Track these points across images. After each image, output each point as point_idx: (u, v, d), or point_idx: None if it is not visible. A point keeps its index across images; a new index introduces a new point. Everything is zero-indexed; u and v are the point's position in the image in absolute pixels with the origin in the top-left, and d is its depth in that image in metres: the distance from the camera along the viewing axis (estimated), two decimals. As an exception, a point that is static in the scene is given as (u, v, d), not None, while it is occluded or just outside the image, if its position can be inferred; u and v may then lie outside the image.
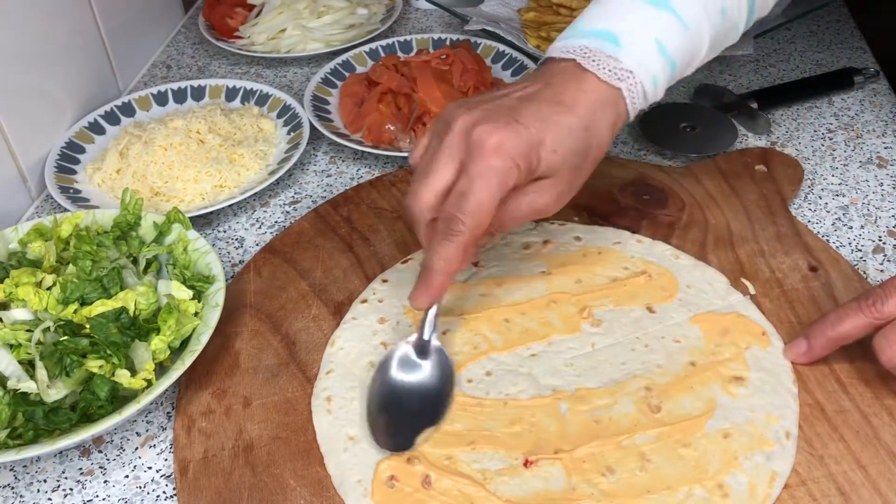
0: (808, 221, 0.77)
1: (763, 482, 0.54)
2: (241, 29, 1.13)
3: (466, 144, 0.56)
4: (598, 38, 0.59)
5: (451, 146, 0.56)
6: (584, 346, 0.64)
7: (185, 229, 0.71)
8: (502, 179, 0.55)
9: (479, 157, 0.55)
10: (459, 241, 0.55)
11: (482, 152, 0.55)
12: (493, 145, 0.54)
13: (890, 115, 0.91)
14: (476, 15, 1.09)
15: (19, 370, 0.59)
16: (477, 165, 0.55)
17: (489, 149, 0.54)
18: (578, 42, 0.60)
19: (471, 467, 0.56)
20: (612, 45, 0.59)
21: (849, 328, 0.58)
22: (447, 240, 0.56)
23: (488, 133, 0.55)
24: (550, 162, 0.56)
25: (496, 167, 0.54)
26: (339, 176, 0.89)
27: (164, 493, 0.58)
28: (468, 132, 0.56)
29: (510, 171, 0.55)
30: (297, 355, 0.66)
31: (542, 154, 0.56)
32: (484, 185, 0.54)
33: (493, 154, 0.54)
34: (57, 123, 0.91)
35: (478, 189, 0.54)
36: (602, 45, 0.59)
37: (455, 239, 0.56)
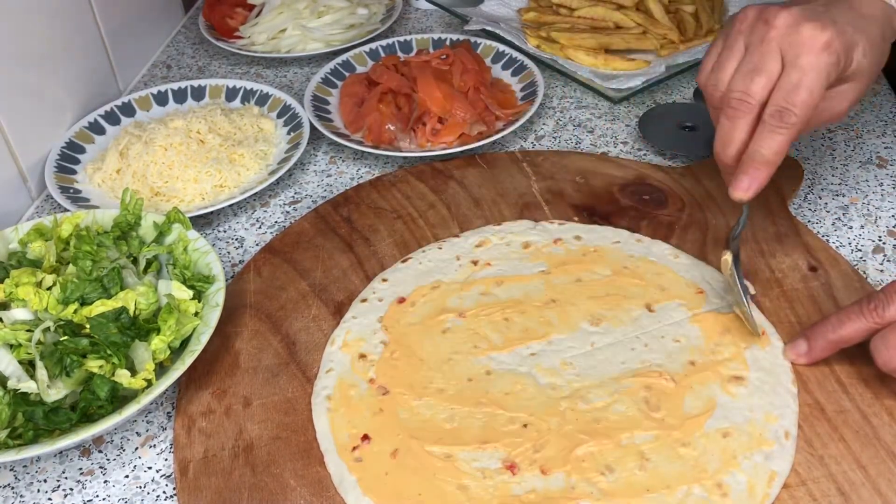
0: (808, 221, 0.77)
1: (762, 482, 0.54)
2: (241, 29, 1.13)
3: (793, 38, 0.58)
4: None
5: (772, 41, 0.59)
6: (583, 346, 0.64)
7: (185, 229, 0.71)
8: (828, 73, 0.58)
9: (809, 50, 0.57)
10: (790, 133, 0.58)
11: (813, 46, 0.57)
12: (826, 40, 0.57)
13: (890, 115, 0.91)
14: (476, 15, 1.09)
15: (19, 370, 0.59)
16: (808, 59, 0.57)
17: (822, 43, 0.57)
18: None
19: (471, 466, 0.56)
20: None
21: (850, 332, 0.58)
22: (777, 132, 0.58)
23: (820, 29, 0.57)
24: (861, 65, 0.60)
25: (826, 61, 0.57)
26: (339, 176, 0.89)
27: (164, 493, 0.58)
28: (797, 27, 0.58)
29: (834, 66, 0.58)
30: (297, 355, 0.66)
31: (855, 56, 0.59)
32: (816, 77, 0.57)
33: (826, 49, 0.57)
34: (57, 123, 0.91)
35: (811, 81, 0.57)
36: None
37: (787, 131, 0.58)
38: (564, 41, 1.00)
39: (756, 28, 0.60)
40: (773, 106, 0.59)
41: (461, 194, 0.81)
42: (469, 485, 0.55)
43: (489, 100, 0.91)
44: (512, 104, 0.94)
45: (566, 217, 0.77)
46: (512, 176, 0.83)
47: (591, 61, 0.99)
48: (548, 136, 0.92)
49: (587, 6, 1.05)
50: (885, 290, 0.57)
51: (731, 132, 0.61)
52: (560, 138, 0.92)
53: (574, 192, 0.80)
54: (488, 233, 0.75)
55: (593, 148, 0.89)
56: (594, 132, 0.92)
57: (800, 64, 0.58)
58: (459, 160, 0.86)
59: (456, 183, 0.83)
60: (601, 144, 0.90)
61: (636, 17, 1.02)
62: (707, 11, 1.05)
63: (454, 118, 0.89)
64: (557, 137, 0.92)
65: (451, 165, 0.85)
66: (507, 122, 0.91)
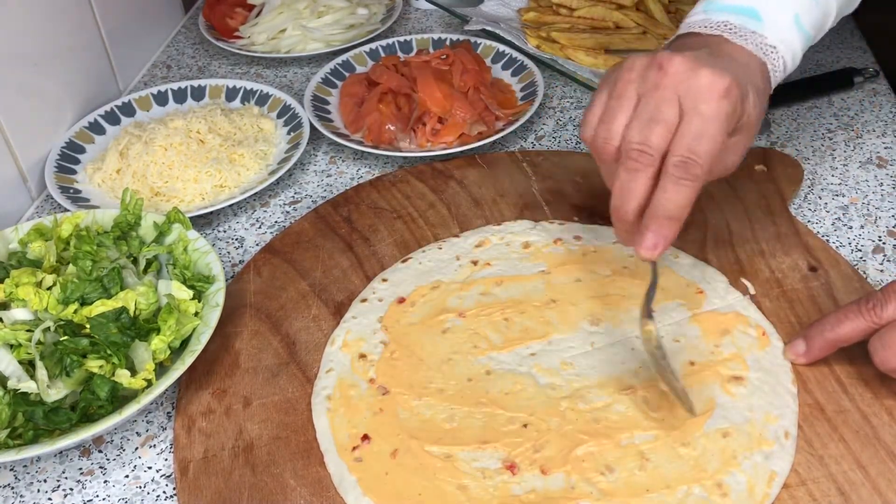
0: (808, 221, 0.77)
1: (762, 482, 0.54)
2: (241, 29, 1.13)
3: (691, 84, 0.55)
4: (740, 13, 0.60)
5: (672, 87, 0.55)
6: (583, 346, 0.64)
7: (185, 229, 0.71)
8: (730, 122, 0.55)
9: (710, 98, 0.54)
10: (696, 184, 0.55)
11: (713, 94, 0.54)
12: (725, 87, 0.54)
13: (890, 115, 0.91)
14: (476, 15, 1.09)
15: (19, 370, 0.59)
16: (709, 106, 0.54)
17: (721, 90, 0.54)
18: (721, 17, 0.61)
19: (470, 466, 0.56)
20: (754, 20, 0.60)
21: (848, 331, 0.58)
22: (681, 184, 0.55)
23: (718, 75, 0.54)
24: (751, 116, 0.58)
25: (726, 110, 0.55)
26: (339, 176, 0.89)
27: (164, 493, 0.58)
28: (694, 73, 0.55)
29: (735, 114, 0.56)
30: (297, 355, 0.66)
31: (747, 107, 0.57)
32: (718, 126, 0.54)
33: (725, 96, 0.54)
34: (57, 123, 0.91)
35: (713, 130, 0.54)
36: (745, 22, 0.60)
37: (691, 183, 0.55)
38: (564, 41, 1.00)
39: (648, 75, 0.56)
40: (675, 156, 0.55)
41: (461, 194, 0.81)
42: (469, 485, 0.55)
43: (489, 100, 0.91)
44: (512, 104, 0.94)
45: (566, 217, 0.77)
46: (512, 176, 0.83)
47: (591, 61, 0.99)
48: (548, 136, 0.92)
49: (587, 6, 1.05)
50: (883, 290, 0.57)
51: (630, 186, 0.57)
52: (560, 138, 0.92)
53: (574, 192, 0.80)
54: (488, 233, 0.75)
55: (593, 148, 0.89)
56: (594, 132, 0.92)
57: (700, 111, 0.54)
58: (459, 160, 0.86)
59: (456, 183, 0.83)
60: (601, 144, 0.90)
61: (636, 17, 1.02)
62: (707, 11, 1.05)
63: (454, 118, 0.89)
64: (557, 137, 0.92)
65: (451, 165, 0.85)
66: (507, 122, 0.91)
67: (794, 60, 0.62)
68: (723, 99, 0.54)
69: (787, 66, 0.62)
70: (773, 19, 0.60)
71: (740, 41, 0.59)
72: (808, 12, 0.61)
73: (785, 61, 0.61)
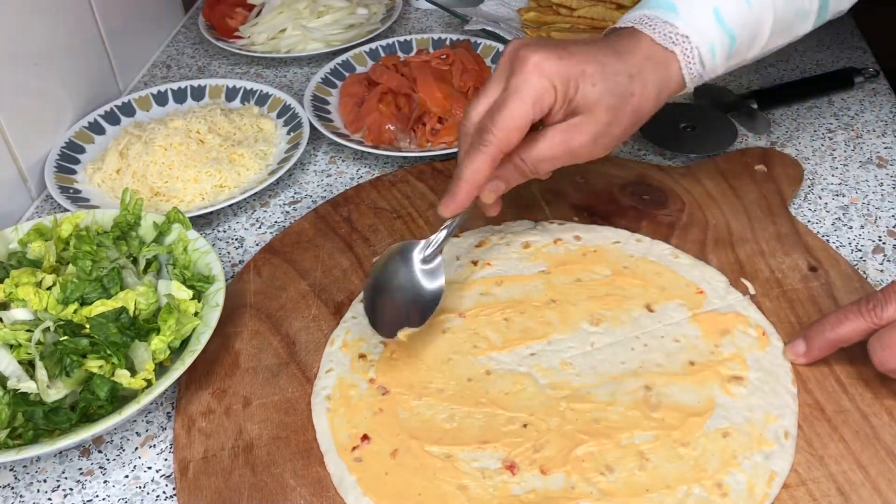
0: (808, 221, 0.77)
1: (762, 481, 0.54)
2: (241, 29, 1.14)
3: (512, 63, 0.59)
4: (658, 7, 0.62)
5: (500, 68, 0.61)
6: (583, 346, 0.64)
7: (185, 229, 0.71)
8: (537, 96, 0.58)
9: (519, 72, 0.58)
10: (487, 151, 0.58)
11: (523, 69, 0.58)
12: (534, 62, 0.58)
13: (890, 115, 0.91)
14: (476, 15, 1.09)
15: (19, 370, 0.59)
16: (515, 80, 0.58)
17: (530, 65, 0.58)
18: (639, 13, 0.63)
19: (470, 466, 0.56)
20: (669, 12, 0.61)
21: (848, 331, 0.58)
22: (475, 150, 0.59)
23: (532, 52, 0.58)
24: (588, 94, 0.59)
25: (532, 83, 0.57)
26: (339, 176, 0.89)
27: (164, 493, 0.58)
28: (518, 51, 0.59)
29: (547, 91, 0.58)
30: (297, 355, 0.66)
31: (581, 84, 0.59)
32: (518, 98, 0.57)
33: (533, 71, 0.57)
34: (57, 123, 0.91)
35: (511, 102, 0.58)
36: (660, 13, 0.62)
37: (483, 150, 0.58)
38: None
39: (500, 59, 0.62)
40: (480, 125, 0.60)
41: (461, 194, 0.81)
42: (469, 485, 0.55)
43: (489, 100, 0.91)
44: (512, 104, 0.94)
45: (566, 217, 0.77)
46: (512, 176, 0.83)
47: (591, 61, 0.99)
48: (548, 136, 0.92)
49: (587, 6, 1.05)
50: (884, 290, 0.57)
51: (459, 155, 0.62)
52: (560, 138, 0.91)
53: (574, 192, 0.80)
54: (488, 233, 0.75)
55: (593, 148, 0.89)
56: (594, 132, 0.92)
57: (508, 85, 0.58)
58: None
59: (456, 183, 0.82)
60: (601, 144, 0.90)
61: (636, 17, 1.02)
62: (707, 11, 1.05)
63: (454, 118, 0.89)
64: (557, 137, 0.92)
65: (451, 165, 0.85)
66: (507, 122, 0.90)
67: (713, 55, 0.62)
68: (531, 73, 0.57)
69: (706, 60, 0.62)
70: (688, 11, 0.61)
71: (648, 31, 0.61)
72: (732, 11, 0.61)
73: (700, 53, 0.61)
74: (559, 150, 0.61)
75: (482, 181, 0.60)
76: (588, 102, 0.59)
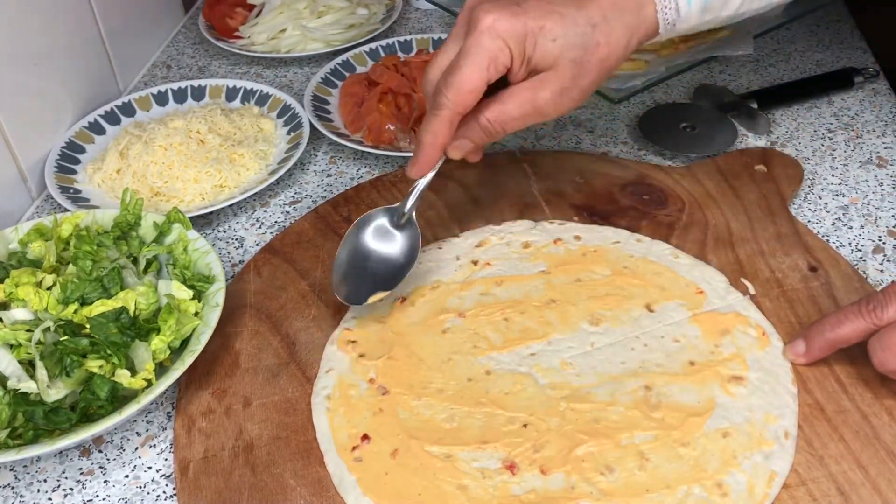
0: (808, 221, 0.77)
1: (762, 481, 0.54)
2: (241, 29, 1.14)
3: (468, 23, 0.58)
4: None
5: (457, 26, 0.60)
6: (583, 346, 0.64)
7: (185, 229, 0.71)
8: (490, 57, 0.56)
9: (472, 34, 0.57)
10: (442, 115, 0.58)
11: (476, 30, 0.57)
12: (487, 24, 0.56)
13: (890, 115, 0.91)
14: (476, 15, 1.09)
15: (19, 370, 0.59)
16: (468, 41, 0.57)
17: (482, 27, 0.56)
18: None
19: (470, 466, 0.56)
20: None
21: (848, 332, 0.58)
22: (432, 113, 0.59)
23: (485, 12, 0.57)
24: (548, 49, 0.57)
25: (485, 45, 0.56)
26: (339, 176, 0.89)
27: (164, 493, 0.58)
28: (471, 11, 0.58)
29: (501, 51, 0.56)
30: (297, 355, 0.66)
31: (539, 41, 0.57)
32: (470, 60, 0.56)
33: (485, 32, 0.56)
34: (57, 123, 0.91)
35: (464, 64, 0.57)
36: None
37: (439, 113, 0.59)
38: (564, 41, 1.00)
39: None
40: (436, 87, 0.59)
41: (461, 194, 0.81)
42: (469, 485, 0.55)
43: (489, 100, 0.91)
44: (512, 104, 0.94)
45: (566, 217, 0.77)
46: (512, 176, 0.83)
47: (591, 61, 0.99)
48: (548, 136, 0.92)
49: (587, 6, 1.05)
50: (884, 291, 0.57)
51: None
52: (560, 138, 0.92)
53: (574, 192, 0.80)
54: (488, 233, 0.75)
55: (593, 148, 0.89)
56: (594, 132, 0.92)
57: (463, 46, 0.57)
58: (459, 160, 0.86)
59: (456, 183, 0.83)
60: (601, 144, 0.90)
61: (636, 17, 1.02)
62: (707, 11, 1.05)
63: (454, 118, 0.89)
64: (557, 137, 0.92)
65: (450, 165, 0.84)
66: (507, 122, 0.90)
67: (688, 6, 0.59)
68: (482, 34, 0.56)
69: (681, 6, 0.59)
70: None
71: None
72: None
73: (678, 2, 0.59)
74: (526, 109, 0.59)
75: (442, 143, 0.61)
76: (549, 58, 0.57)
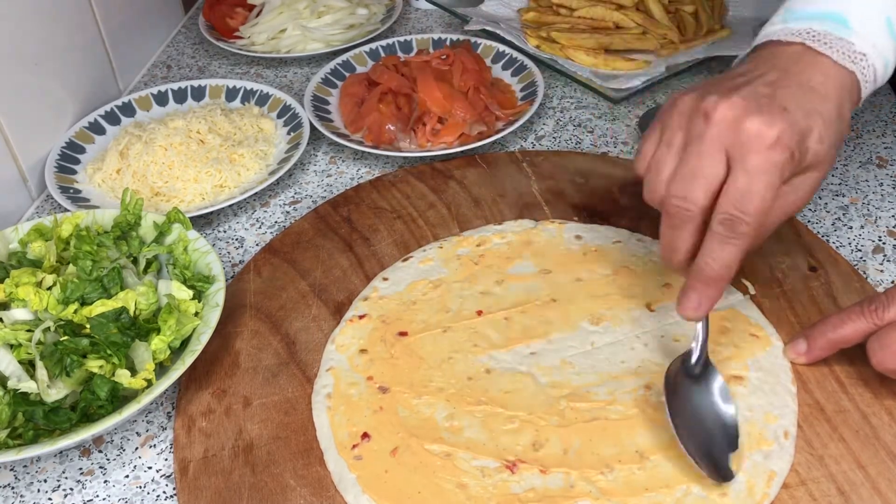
0: (808, 221, 0.77)
1: (761, 481, 0.54)
2: (241, 29, 1.14)
3: (737, 136, 0.52)
4: (825, 19, 0.56)
5: (714, 139, 0.52)
6: (583, 345, 0.64)
7: (185, 229, 0.71)
8: (781, 173, 0.52)
9: (757, 150, 0.51)
10: (742, 244, 0.52)
11: (761, 145, 0.51)
12: (773, 137, 0.51)
13: (890, 115, 0.91)
14: (476, 15, 1.09)
15: (19, 370, 0.59)
16: (756, 160, 0.51)
17: (769, 141, 0.51)
18: (803, 25, 0.56)
19: (470, 464, 0.56)
20: (841, 26, 0.55)
21: (849, 332, 0.58)
22: (728, 243, 0.52)
23: (767, 125, 0.51)
24: (818, 153, 0.54)
25: (777, 162, 0.51)
26: (339, 176, 0.89)
27: (164, 493, 0.59)
28: (738, 122, 0.52)
29: (787, 163, 0.52)
30: (297, 355, 0.66)
31: (810, 144, 0.53)
32: (767, 181, 0.51)
33: (775, 147, 0.51)
34: (57, 123, 0.91)
35: (762, 186, 0.51)
36: (830, 28, 0.56)
37: (738, 242, 0.52)
38: (564, 41, 1.00)
39: (694, 122, 0.54)
40: (721, 214, 0.52)
41: (461, 194, 0.81)
42: (468, 483, 0.55)
43: (489, 100, 0.91)
44: (512, 104, 0.94)
45: (566, 217, 0.77)
46: (512, 176, 0.83)
47: (591, 61, 0.99)
48: (548, 136, 0.92)
49: (587, 6, 1.05)
50: (887, 292, 0.57)
51: (674, 241, 0.55)
52: (560, 138, 0.92)
53: (574, 192, 0.80)
54: (488, 232, 0.75)
55: (593, 148, 0.89)
56: (594, 132, 0.92)
57: (748, 166, 0.51)
58: (459, 160, 0.86)
59: (456, 183, 0.83)
60: (601, 144, 0.90)
61: (636, 17, 1.02)
62: (707, 11, 1.05)
63: (454, 118, 0.89)
64: (557, 137, 0.92)
65: (451, 165, 0.85)
66: (507, 122, 0.91)
67: (886, 69, 0.57)
68: (772, 150, 0.51)
69: (878, 76, 0.57)
70: (861, 23, 0.55)
71: (825, 49, 0.55)
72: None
73: (875, 69, 0.56)
74: (791, 209, 0.55)
75: (732, 275, 0.54)
76: (818, 159, 0.54)
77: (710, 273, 0.54)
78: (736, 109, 0.52)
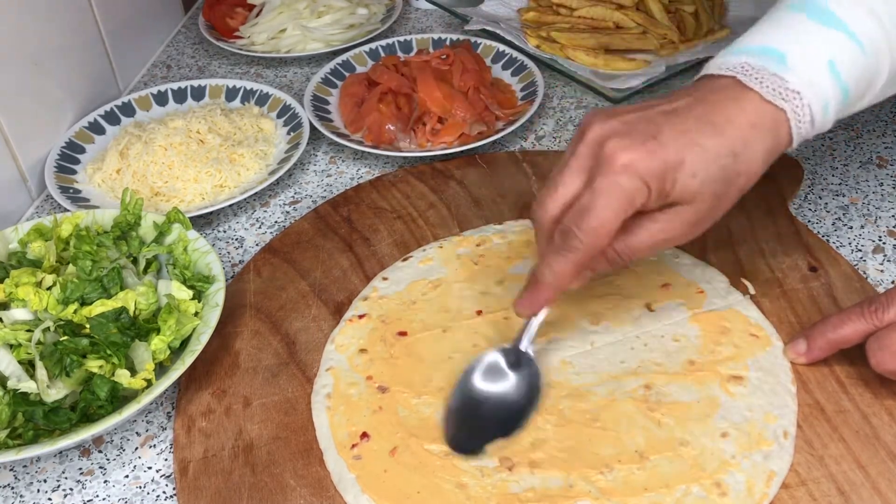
0: (808, 221, 0.77)
1: (761, 481, 0.54)
2: (241, 29, 1.14)
3: (596, 157, 0.53)
4: (762, 54, 0.53)
5: (580, 156, 0.54)
6: (583, 345, 0.64)
7: (185, 229, 0.71)
8: (628, 199, 0.51)
9: (606, 172, 0.51)
10: (573, 257, 0.53)
11: (611, 168, 0.51)
12: (624, 162, 0.51)
13: (890, 115, 0.91)
14: (476, 15, 1.09)
15: (19, 370, 0.59)
16: (603, 181, 0.51)
17: (619, 165, 0.51)
18: (739, 59, 0.54)
19: (469, 464, 0.56)
20: (777, 62, 0.53)
21: (849, 332, 0.58)
22: (560, 254, 0.54)
23: (621, 149, 0.51)
24: (687, 186, 0.52)
25: (623, 186, 0.51)
26: (339, 176, 0.89)
27: (164, 493, 0.59)
28: (600, 144, 0.53)
29: (638, 191, 0.51)
30: (297, 355, 0.66)
31: (679, 177, 0.52)
32: (606, 202, 0.51)
33: (623, 172, 0.51)
34: (57, 123, 0.91)
35: (600, 206, 0.51)
36: (766, 63, 0.53)
37: (569, 255, 0.53)
38: (564, 41, 1.00)
39: (575, 139, 0.55)
40: (560, 225, 0.54)
41: (461, 194, 0.81)
42: (468, 483, 0.55)
43: (489, 100, 0.91)
44: (512, 104, 0.94)
45: (566, 217, 0.77)
46: (512, 176, 0.83)
47: (592, 61, 0.99)
48: (548, 136, 0.92)
49: (587, 6, 1.05)
50: (887, 293, 0.57)
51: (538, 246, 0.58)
52: (560, 138, 0.92)
53: (574, 192, 0.80)
54: (488, 232, 0.75)
55: (593, 148, 0.89)
56: (594, 132, 0.92)
57: (595, 186, 0.52)
58: (459, 160, 0.86)
59: (456, 183, 0.83)
60: (601, 144, 0.90)
61: (636, 16, 1.02)
62: (707, 11, 1.05)
63: (454, 118, 0.89)
64: (557, 137, 0.92)
65: (451, 165, 0.85)
66: (507, 122, 0.91)
67: (825, 111, 0.53)
68: (621, 174, 0.51)
69: (817, 119, 0.53)
70: (799, 61, 0.53)
71: (754, 84, 0.52)
72: (846, 61, 0.53)
73: (812, 111, 0.53)
74: (657, 240, 0.55)
75: (565, 285, 0.56)
76: (688, 194, 0.52)
77: (542, 279, 0.56)
78: (605, 131, 0.53)
